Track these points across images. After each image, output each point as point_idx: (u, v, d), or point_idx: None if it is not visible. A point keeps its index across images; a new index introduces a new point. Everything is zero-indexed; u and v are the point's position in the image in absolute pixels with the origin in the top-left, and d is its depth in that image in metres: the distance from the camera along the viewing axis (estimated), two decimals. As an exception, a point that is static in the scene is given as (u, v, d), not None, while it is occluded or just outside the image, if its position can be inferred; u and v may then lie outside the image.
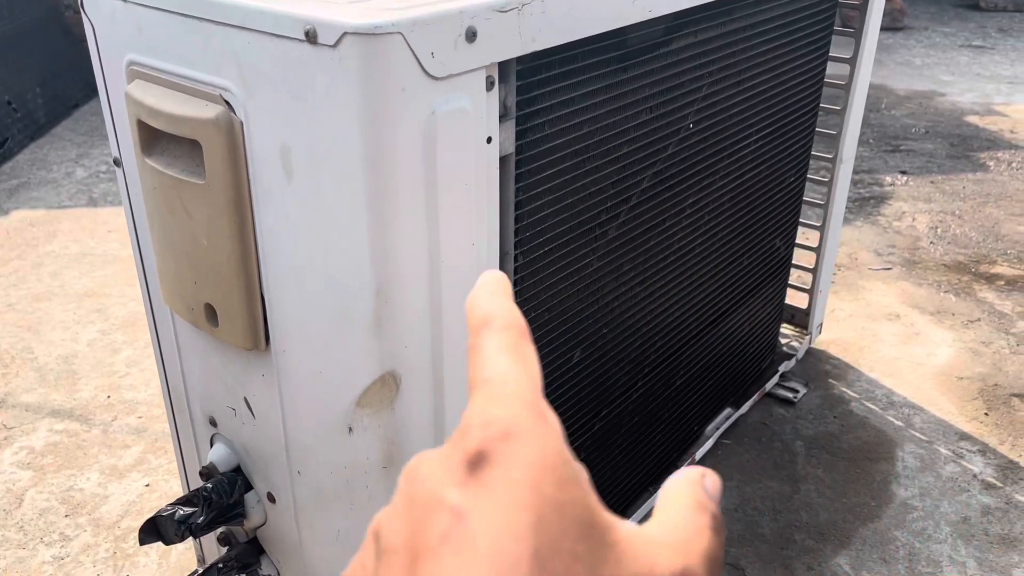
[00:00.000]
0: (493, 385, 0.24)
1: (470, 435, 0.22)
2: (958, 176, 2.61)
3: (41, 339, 1.80)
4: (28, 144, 2.92)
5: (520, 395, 0.23)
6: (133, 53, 0.81)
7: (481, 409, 0.23)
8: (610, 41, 0.88)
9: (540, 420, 0.23)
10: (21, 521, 1.32)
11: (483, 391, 0.24)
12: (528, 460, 0.21)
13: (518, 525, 0.20)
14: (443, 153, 0.71)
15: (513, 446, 0.22)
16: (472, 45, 0.70)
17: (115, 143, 0.91)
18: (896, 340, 1.78)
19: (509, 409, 0.23)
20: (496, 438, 0.22)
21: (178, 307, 0.90)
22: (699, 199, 1.17)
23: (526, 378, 0.24)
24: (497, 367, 0.24)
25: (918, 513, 1.33)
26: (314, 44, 0.65)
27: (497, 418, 0.22)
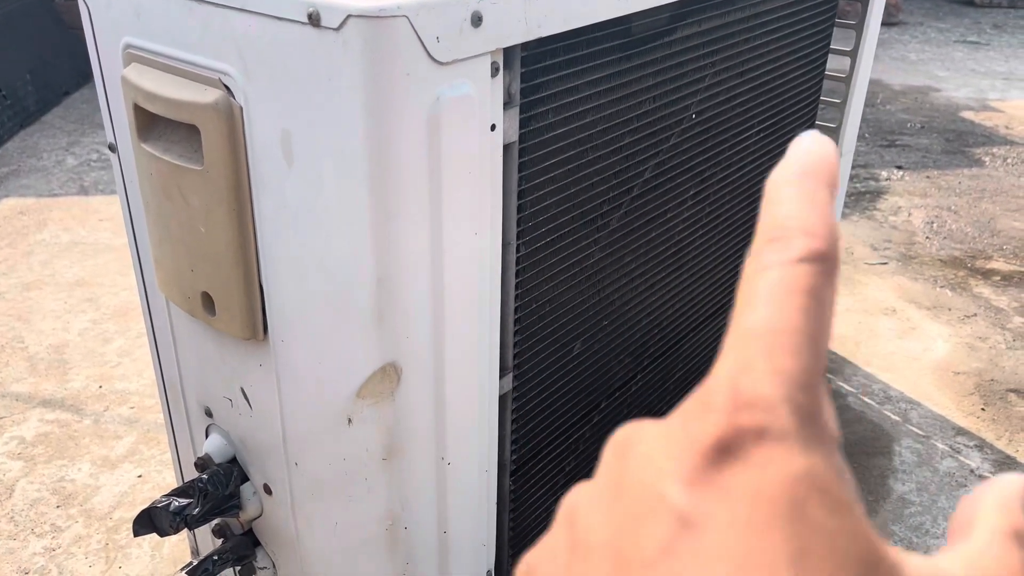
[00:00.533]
0: (763, 344, 0.18)
1: (713, 414, 0.17)
2: (954, 171, 2.61)
3: (32, 328, 1.78)
4: (18, 132, 2.89)
5: (799, 374, 0.17)
6: (130, 36, 0.80)
7: (738, 378, 0.17)
8: (615, 29, 0.87)
9: (815, 420, 0.17)
10: (12, 512, 1.31)
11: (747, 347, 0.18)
12: (790, 470, 0.16)
13: (772, 554, 0.15)
14: (447, 140, 0.70)
15: (772, 447, 0.16)
16: (478, 30, 0.68)
17: (110, 128, 0.90)
18: (893, 335, 1.77)
19: (778, 391, 0.17)
20: (751, 429, 0.17)
21: (174, 296, 0.88)
22: (700, 190, 1.16)
23: (814, 351, 0.18)
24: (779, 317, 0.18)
25: (915, 508, 1.33)
26: (317, 27, 0.64)
27: (758, 401, 0.17)
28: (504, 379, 0.92)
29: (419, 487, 0.84)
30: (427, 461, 0.83)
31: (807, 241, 0.19)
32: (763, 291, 0.18)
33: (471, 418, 0.87)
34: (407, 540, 0.86)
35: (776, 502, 0.16)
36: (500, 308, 0.86)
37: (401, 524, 0.85)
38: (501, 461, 0.96)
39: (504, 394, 0.93)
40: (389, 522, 0.84)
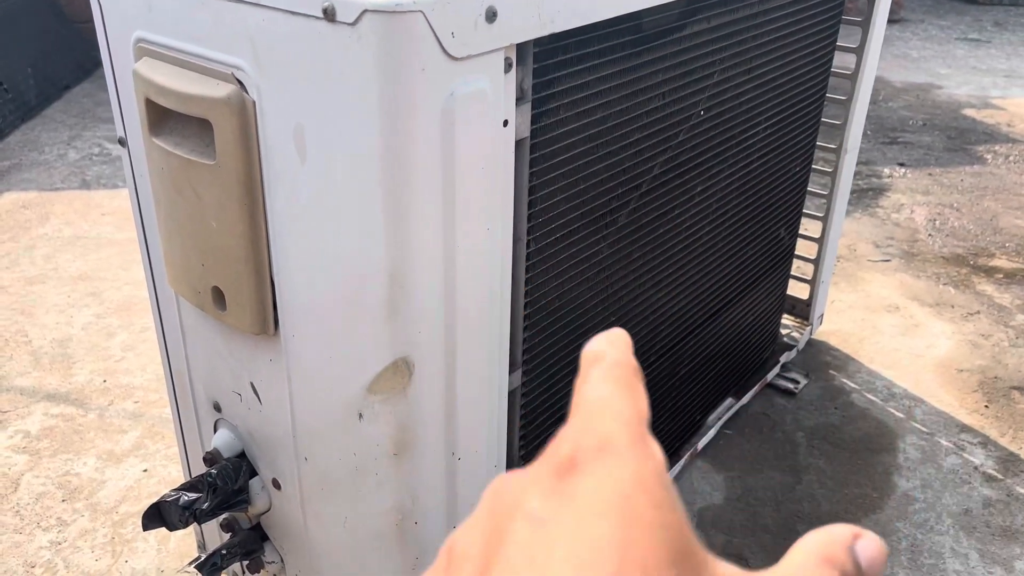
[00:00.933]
0: (594, 405, 0.23)
1: (562, 444, 0.21)
2: (956, 169, 2.61)
3: (35, 322, 1.78)
4: (19, 125, 2.88)
5: (622, 416, 0.22)
6: (141, 30, 0.80)
7: (578, 423, 0.22)
8: (625, 25, 0.87)
9: (641, 441, 0.21)
10: (17, 505, 1.31)
11: (582, 410, 0.23)
12: (622, 475, 0.20)
13: (603, 539, 0.19)
14: (460, 136, 0.70)
15: (608, 460, 0.20)
16: (492, 25, 0.68)
17: (120, 122, 0.90)
18: (896, 332, 1.78)
19: (608, 425, 0.21)
20: (591, 448, 0.21)
21: (184, 291, 0.88)
22: (707, 187, 1.16)
23: (631, 405, 0.23)
24: (601, 392, 0.23)
25: (920, 505, 1.33)
26: (332, 22, 0.64)
27: (594, 429, 0.21)
28: (513, 375, 0.92)
29: (429, 482, 0.84)
30: (437, 456, 0.84)
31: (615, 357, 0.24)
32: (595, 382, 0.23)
33: (481, 413, 0.87)
34: (417, 535, 0.86)
35: (609, 499, 0.19)
36: (510, 304, 0.86)
37: (411, 519, 0.85)
38: (510, 456, 0.96)
39: (513, 389, 0.93)
40: (399, 517, 0.84)
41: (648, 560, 0.19)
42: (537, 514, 0.20)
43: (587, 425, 0.22)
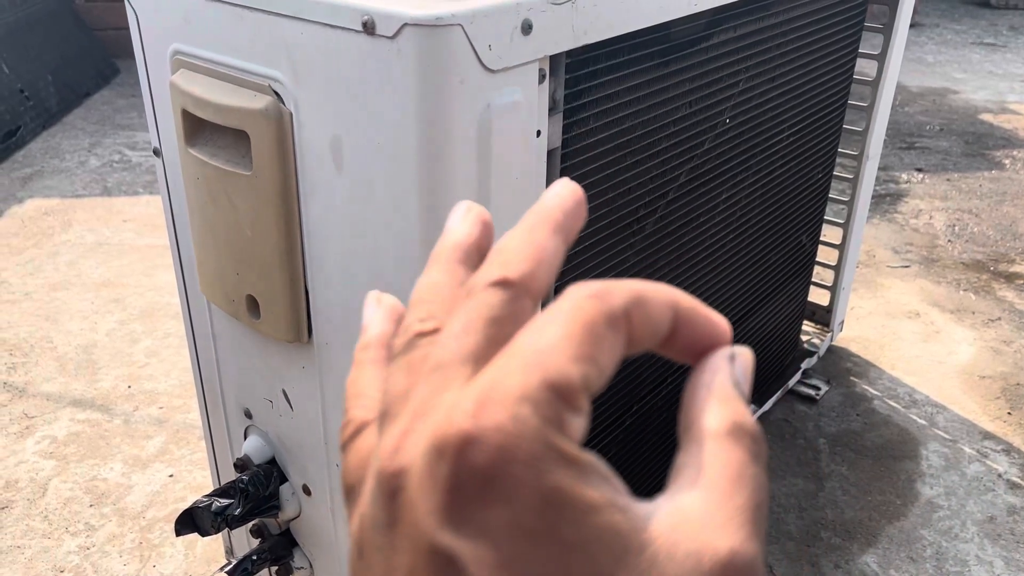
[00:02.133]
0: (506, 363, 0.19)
1: (461, 447, 0.18)
2: (974, 174, 2.60)
3: (60, 328, 1.80)
4: (40, 132, 2.91)
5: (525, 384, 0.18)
6: (179, 43, 0.81)
7: (474, 397, 0.18)
8: (654, 35, 0.88)
9: (548, 428, 0.18)
10: (46, 510, 1.32)
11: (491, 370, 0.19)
12: (541, 494, 0.17)
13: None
14: (496, 147, 0.70)
15: (521, 472, 0.17)
16: (527, 38, 0.69)
17: (155, 133, 0.91)
18: (917, 338, 1.77)
19: (510, 410, 0.18)
20: (494, 460, 0.17)
21: (217, 298, 0.89)
22: (732, 195, 1.17)
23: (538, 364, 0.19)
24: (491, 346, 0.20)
25: (944, 512, 1.33)
26: (372, 35, 0.65)
27: (494, 427, 0.18)
28: (542, 382, 0.93)
29: (460, 489, 0.85)
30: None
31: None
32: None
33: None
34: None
35: (533, 533, 0.17)
36: (540, 312, 0.86)
37: (442, 525, 0.85)
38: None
39: (542, 397, 0.94)
40: (430, 523, 0.85)
41: None
42: (455, 557, 0.18)
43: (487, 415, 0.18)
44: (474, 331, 0.20)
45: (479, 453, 0.18)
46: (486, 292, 0.21)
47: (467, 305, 0.21)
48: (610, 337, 0.20)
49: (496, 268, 0.21)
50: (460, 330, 0.20)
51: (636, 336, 0.20)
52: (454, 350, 0.20)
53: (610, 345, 0.20)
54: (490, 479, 0.17)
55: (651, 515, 0.19)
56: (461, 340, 0.20)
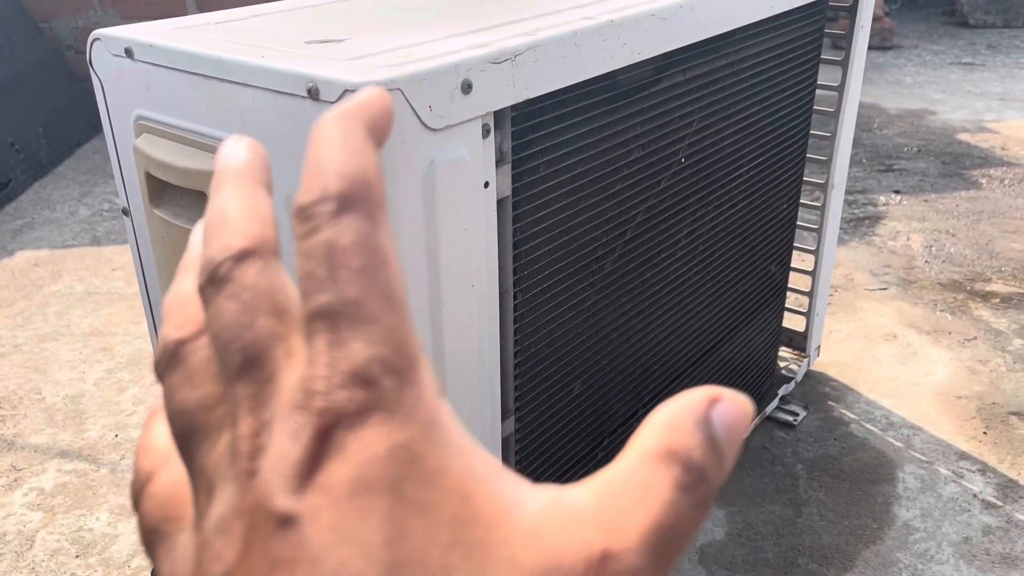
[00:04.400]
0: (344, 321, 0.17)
1: (323, 401, 0.17)
2: (951, 194, 2.64)
3: (48, 379, 1.82)
4: (31, 184, 2.96)
5: (386, 339, 0.17)
6: (141, 109, 0.84)
7: (332, 357, 0.17)
8: (600, 84, 0.91)
9: (410, 380, 0.18)
10: (32, 563, 1.34)
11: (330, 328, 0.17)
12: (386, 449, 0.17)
13: (370, 539, 0.16)
14: (442, 201, 0.73)
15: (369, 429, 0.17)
16: (468, 96, 0.72)
17: (123, 193, 0.94)
18: (894, 360, 1.80)
19: (373, 351, 0.17)
20: (353, 413, 0.17)
21: (187, 352, 0.92)
22: (693, 230, 1.20)
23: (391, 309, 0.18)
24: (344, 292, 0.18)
25: (920, 534, 1.34)
26: (316, 100, 0.68)
27: (359, 373, 0.17)
28: (506, 422, 0.95)
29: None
30: (433, 505, 0.86)
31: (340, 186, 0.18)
32: (320, 271, 0.18)
33: (475, 461, 0.89)
34: None
35: (372, 489, 0.16)
36: (500, 354, 0.89)
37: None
38: (506, 502, 0.99)
39: (507, 436, 0.96)
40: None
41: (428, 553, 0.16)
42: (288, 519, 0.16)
43: (352, 358, 0.17)
44: None
45: None
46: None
47: None
48: None
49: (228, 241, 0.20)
50: None
51: None
52: None
53: None
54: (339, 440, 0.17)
55: (523, 499, 0.17)
56: None
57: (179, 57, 0.78)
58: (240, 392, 0.18)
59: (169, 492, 0.21)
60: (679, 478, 0.17)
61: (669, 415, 0.18)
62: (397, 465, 0.17)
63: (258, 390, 0.18)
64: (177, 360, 0.20)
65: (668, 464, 0.17)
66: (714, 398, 0.18)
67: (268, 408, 0.18)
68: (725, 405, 0.18)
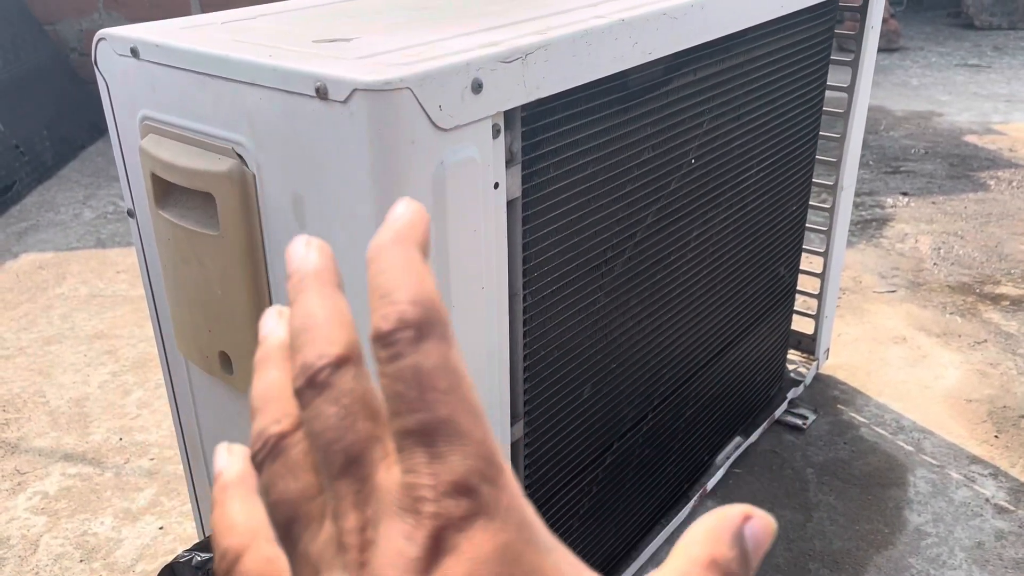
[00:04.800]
0: (440, 436, 0.20)
1: (434, 507, 0.19)
2: (959, 196, 2.62)
3: (52, 382, 1.81)
4: (36, 187, 2.95)
5: (478, 449, 0.20)
6: (147, 109, 0.83)
7: (433, 469, 0.19)
8: (611, 84, 0.90)
9: (502, 485, 0.20)
10: (36, 567, 1.33)
11: (427, 445, 0.20)
12: (492, 548, 0.19)
13: None
14: (452, 201, 0.72)
15: (477, 531, 0.19)
16: (478, 96, 0.71)
17: (128, 195, 0.93)
18: (903, 363, 1.78)
19: (470, 464, 0.19)
20: (460, 518, 0.19)
21: (193, 355, 0.91)
22: (703, 232, 1.19)
23: (477, 420, 0.20)
24: (435, 412, 0.20)
25: (932, 539, 1.33)
26: (325, 100, 0.67)
27: (462, 484, 0.19)
28: (515, 426, 0.94)
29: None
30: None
31: (415, 313, 0.21)
32: (411, 393, 0.20)
33: (484, 466, 0.88)
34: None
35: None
36: (509, 357, 0.88)
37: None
38: (515, 507, 0.98)
39: (516, 441, 0.95)
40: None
41: None
42: None
43: (451, 469, 0.19)
44: None
45: None
46: None
47: None
48: None
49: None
50: None
51: None
52: None
53: None
54: (451, 542, 0.19)
55: None
56: None
57: (185, 57, 0.77)
58: (343, 488, 0.20)
59: (263, 571, 0.22)
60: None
61: (711, 527, 0.21)
62: (503, 564, 0.19)
63: (360, 487, 0.20)
64: (278, 452, 0.22)
65: (712, 573, 0.20)
66: (747, 515, 0.21)
67: (371, 506, 0.20)
68: (755, 523, 0.21)
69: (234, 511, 0.24)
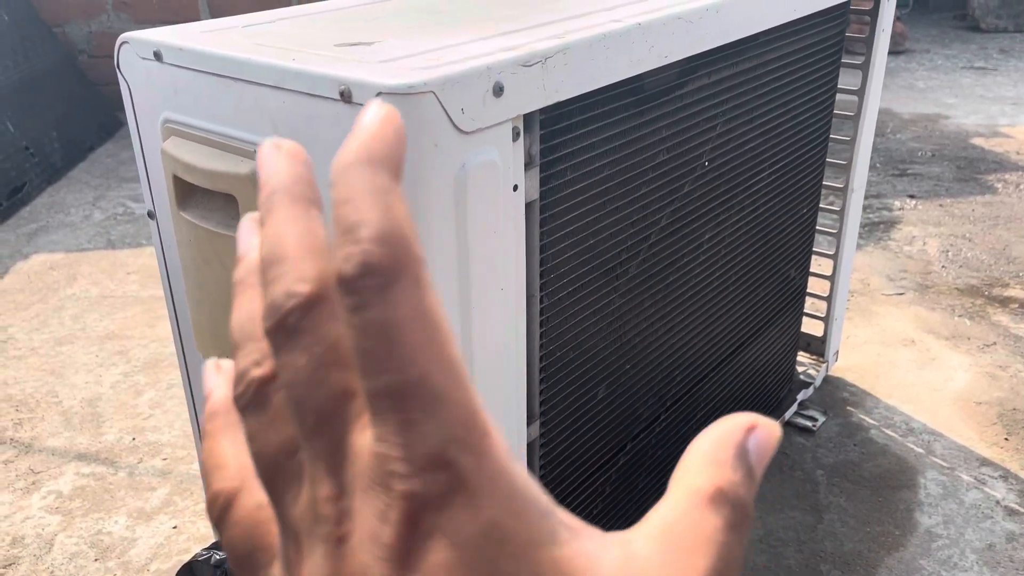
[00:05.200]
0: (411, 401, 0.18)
1: (405, 484, 0.17)
2: (967, 199, 2.63)
3: (65, 382, 1.82)
4: (45, 188, 2.97)
5: (453, 417, 0.18)
6: (169, 112, 0.84)
7: (404, 439, 0.17)
8: (627, 87, 0.91)
9: (485, 455, 0.18)
10: (52, 566, 1.34)
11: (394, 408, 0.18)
12: (476, 529, 0.17)
13: None
14: (473, 204, 0.73)
15: (456, 511, 0.17)
16: (499, 99, 0.72)
17: (149, 197, 0.94)
18: (912, 366, 1.78)
19: (446, 432, 0.18)
20: (436, 496, 0.17)
21: (213, 355, 0.92)
22: (716, 234, 1.19)
23: (455, 382, 0.18)
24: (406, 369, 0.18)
25: (943, 541, 1.33)
26: (349, 103, 0.68)
27: (437, 456, 0.17)
28: (531, 427, 0.94)
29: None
30: (459, 510, 0.86)
31: (382, 254, 0.18)
32: (379, 350, 0.18)
33: (501, 466, 0.89)
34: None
35: (471, 570, 0.17)
36: (526, 358, 0.89)
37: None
38: (530, 507, 0.98)
39: (532, 441, 0.96)
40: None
41: None
42: None
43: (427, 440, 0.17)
44: None
45: None
46: None
47: None
48: None
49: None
50: None
51: None
52: None
53: None
54: (429, 524, 0.17)
55: (600, 555, 0.18)
56: None
57: (209, 60, 0.78)
58: (316, 449, 0.19)
59: (254, 519, 0.21)
60: (729, 518, 0.19)
61: (711, 447, 0.20)
62: (489, 544, 0.17)
63: (333, 448, 0.18)
64: (259, 400, 0.20)
65: (718, 506, 0.19)
66: (751, 426, 0.20)
67: (346, 471, 0.18)
68: (760, 432, 0.19)
69: (224, 447, 0.22)
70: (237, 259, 0.23)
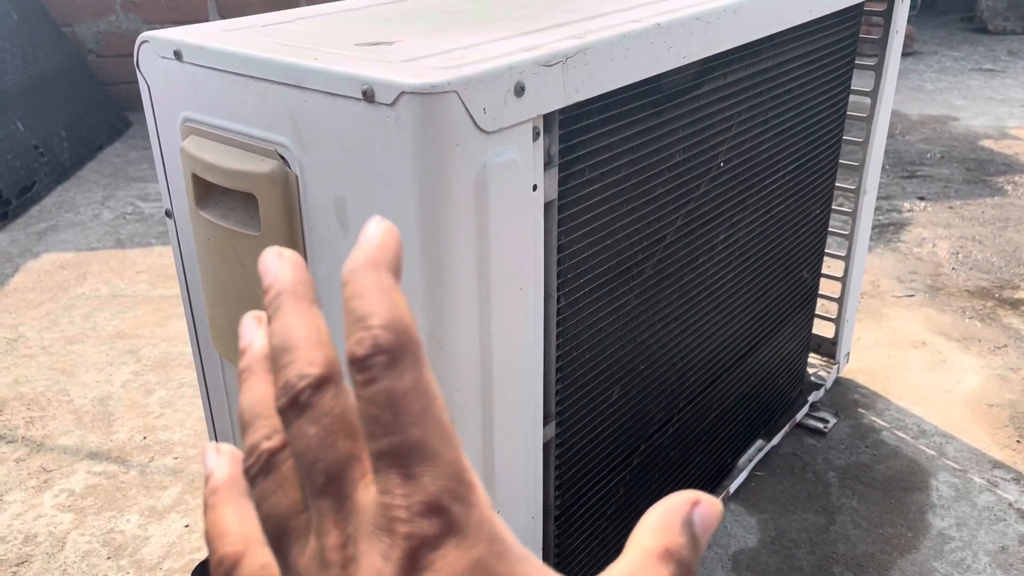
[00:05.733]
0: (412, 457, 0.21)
1: (407, 527, 0.20)
2: (976, 201, 2.62)
3: (75, 381, 1.83)
4: (55, 187, 2.97)
5: (447, 468, 0.21)
6: (188, 111, 0.84)
7: (406, 490, 0.21)
8: (645, 88, 0.91)
9: (471, 501, 0.21)
10: (64, 564, 1.34)
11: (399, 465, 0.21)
12: (465, 565, 0.20)
13: None
14: (493, 203, 0.73)
15: (447, 552, 0.20)
16: (520, 99, 0.72)
17: (167, 195, 0.94)
18: (923, 367, 1.78)
19: (441, 484, 0.21)
20: (431, 537, 0.20)
21: (229, 354, 0.92)
22: (730, 235, 1.19)
23: (445, 440, 0.21)
24: (403, 433, 0.21)
25: (956, 543, 1.33)
26: (371, 103, 0.68)
27: (433, 504, 0.20)
28: (547, 427, 0.94)
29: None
30: (476, 509, 0.86)
31: (388, 338, 0.22)
32: (385, 416, 0.21)
33: (517, 467, 0.89)
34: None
35: None
36: (543, 358, 0.89)
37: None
38: (546, 507, 0.98)
39: (547, 441, 0.96)
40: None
41: None
42: None
43: (423, 490, 0.21)
44: None
45: None
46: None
47: None
48: None
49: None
50: None
51: None
52: None
53: None
54: (426, 561, 0.20)
55: None
56: None
57: (229, 59, 0.78)
58: (325, 506, 0.22)
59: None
60: (675, 572, 0.22)
61: (661, 516, 0.23)
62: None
63: (340, 505, 0.21)
64: (269, 468, 0.23)
65: (667, 563, 0.22)
66: (695, 501, 0.23)
67: (351, 523, 0.21)
68: (702, 507, 0.23)
69: (227, 516, 0.25)
70: (241, 350, 0.26)
